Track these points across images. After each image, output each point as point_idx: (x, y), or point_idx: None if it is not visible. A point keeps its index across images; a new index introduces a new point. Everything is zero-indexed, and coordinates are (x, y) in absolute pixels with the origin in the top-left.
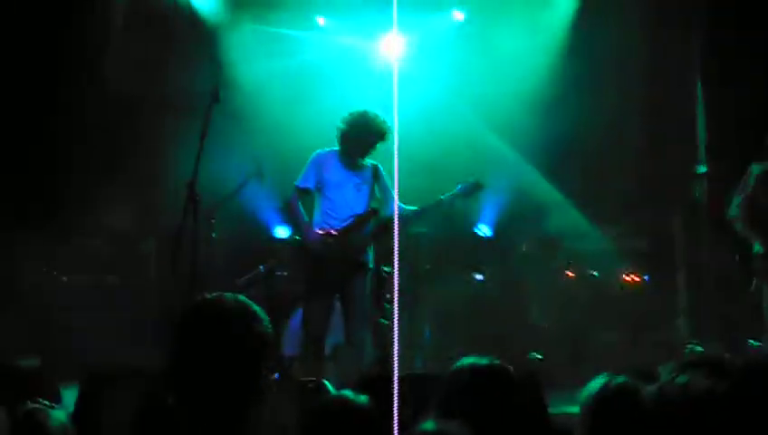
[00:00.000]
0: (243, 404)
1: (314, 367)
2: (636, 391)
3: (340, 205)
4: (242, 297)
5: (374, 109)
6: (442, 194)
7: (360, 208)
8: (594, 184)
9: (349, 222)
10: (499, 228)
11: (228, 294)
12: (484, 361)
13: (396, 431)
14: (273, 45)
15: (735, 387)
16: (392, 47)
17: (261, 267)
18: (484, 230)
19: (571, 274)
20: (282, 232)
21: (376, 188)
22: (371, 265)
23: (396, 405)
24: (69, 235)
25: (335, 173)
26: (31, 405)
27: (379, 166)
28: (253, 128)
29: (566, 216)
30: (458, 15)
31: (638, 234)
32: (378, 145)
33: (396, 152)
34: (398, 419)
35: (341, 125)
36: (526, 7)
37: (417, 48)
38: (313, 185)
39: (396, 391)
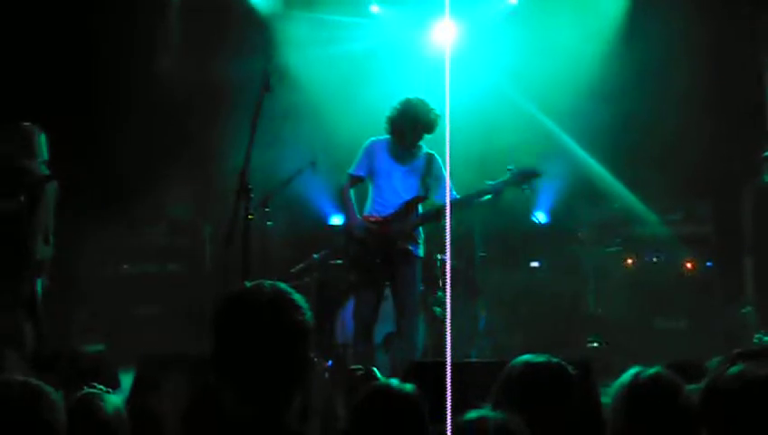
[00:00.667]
0: (284, 391)
1: (364, 354)
2: (669, 382)
3: (387, 193)
4: (281, 285)
5: (425, 96)
6: (491, 180)
7: (409, 196)
8: (656, 168)
9: (396, 209)
10: (555, 215)
11: (267, 282)
12: (541, 358)
13: (449, 419)
14: (327, 34)
15: None
16: (445, 34)
17: (315, 256)
18: (540, 217)
19: (629, 260)
20: (337, 220)
21: (429, 176)
22: (421, 254)
23: (449, 393)
24: (131, 223)
25: (384, 161)
26: (87, 389)
27: (435, 154)
28: (306, 116)
29: (625, 201)
30: (512, 0)
31: (702, 219)
32: (427, 134)
33: (447, 139)
34: (450, 406)
35: (390, 113)
36: None
37: (471, 34)
38: (365, 172)
39: (449, 379)
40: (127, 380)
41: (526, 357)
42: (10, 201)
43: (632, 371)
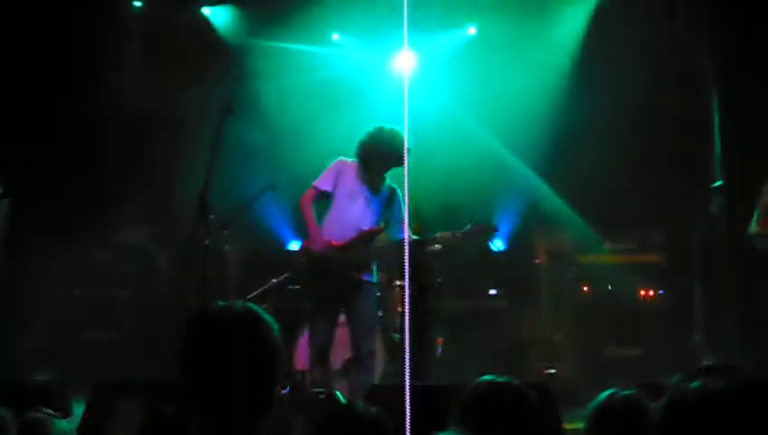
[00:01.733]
0: (252, 414)
1: (322, 379)
2: (641, 404)
3: (347, 216)
4: (252, 305)
5: (393, 125)
6: (447, 231)
7: (366, 224)
8: (609, 198)
9: (352, 236)
10: (512, 242)
11: (238, 302)
12: (501, 379)
13: None
14: (289, 61)
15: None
16: (404, 63)
17: (273, 281)
18: (497, 244)
19: (585, 287)
20: (295, 246)
21: (389, 210)
22: (375, 280)
23: (408, 415)
24: (83, 249)
25: (350, 183)
26: (35, 413)
27: (397, 189)
28: (268, 141)
29: (580, 230)
30: (471, 30)
31: (654, 248)
32: (396, 167)
33: (406, 169)
34: (410, 429)
35: (362, 138)
36: (538, 21)
37: (430, 63)
38: (331, 188)
39: (408, 402)
40: (79, 409)
41: (488, 377)
42: None
43: (606, 392)
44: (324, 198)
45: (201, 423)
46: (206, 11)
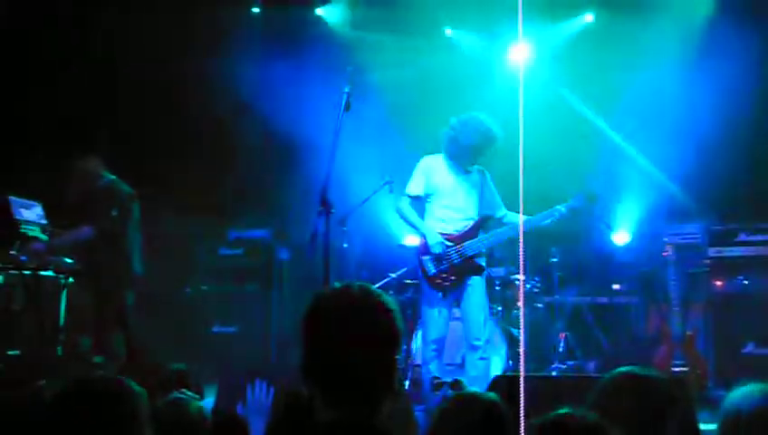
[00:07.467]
0: (373, 395)
1: (440, 372)
2: None
3: (454, 209)
4: (370, 286)
5: (487, 114)
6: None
7: (473, 212)
8: (745, 187)
9: (465, 227)
10: (638, 235)
11: (356, 284)
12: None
13: (522, 426)
14: (403, 54)
15: None
16: (520, 54)
17: (392, 275)
18: (621, 237)
19: (718, 282)
20: (411, 240)
21: (487, 192)
22: (484, 264)
23: (522, 404)
24: (210, 247)
25: (446, 178)
26: (177, 394)
27: (485, 170)
28: (384, 137)
29: (711, 221)
30: (588, 18)
31: None
32: (486, 151)
33: (521, 159)
34: (525, 416)
35: (449, 129)
36: (660, 7)
37: (547, 53)
38: (422, 191)
39: (522, 389)
40: (210, 393)
41: (634, 369)
42: (106, 218)
43: (743, 388)
44: (420, 201)
45: (324, 405)
46: (319, 11)
